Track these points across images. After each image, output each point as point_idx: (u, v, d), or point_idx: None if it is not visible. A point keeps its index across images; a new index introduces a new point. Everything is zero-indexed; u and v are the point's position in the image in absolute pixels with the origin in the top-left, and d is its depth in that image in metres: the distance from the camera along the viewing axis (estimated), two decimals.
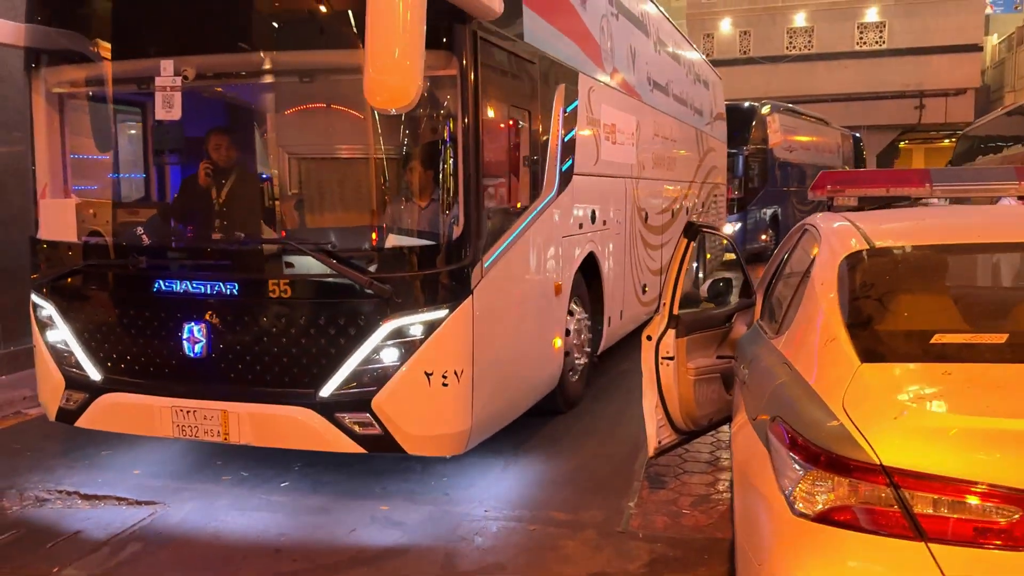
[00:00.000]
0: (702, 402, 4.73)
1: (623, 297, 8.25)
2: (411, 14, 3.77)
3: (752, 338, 4.05)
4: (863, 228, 3.59)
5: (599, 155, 7.26)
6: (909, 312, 3.19)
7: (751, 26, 45.86)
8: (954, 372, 2.66)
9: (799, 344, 3.17)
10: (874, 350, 2.81)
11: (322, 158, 5.74)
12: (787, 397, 2.83)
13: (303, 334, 4.78)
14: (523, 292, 5.66)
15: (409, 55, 3.76)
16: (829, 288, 3.18)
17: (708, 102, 13.14)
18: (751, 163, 18.73)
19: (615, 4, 7.82)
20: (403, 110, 3.86)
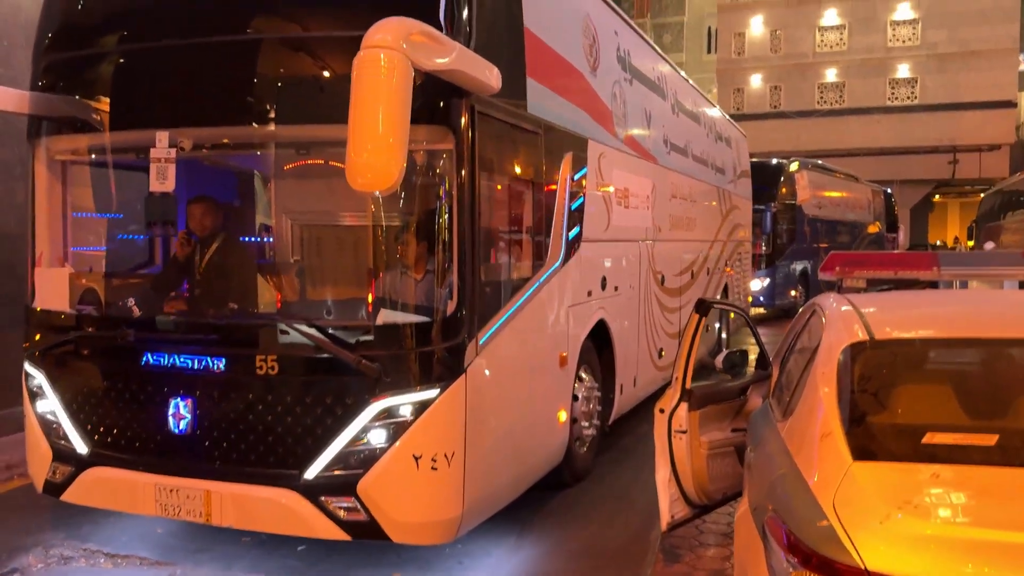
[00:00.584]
0: (716, 476, 4.62)
1: (637, 363, 7.95)
2: (394, 93, 3.60)
3: (762, 417, 3.97)
4: (866, 317, 3.55)
5: (610, 220, 7.03)
6: (904, 408, 3.16)
7: (781, 81, 45.80)
8: (943, 474, 2.66)
9: (799, 435, 3.14)
10: (867, 448, 2.81)
11: (312, 230, 5.58)
12: (784, 491, 2.83)
13: (289, 412, 4.56)
14: (523, 367, 5.40)
15: (392, 135, 3.58)
16: (828, 380, 3.16)
17: (731, 160, 12.90)
18: (779, 219, 18.49)
19: (629, 69, 7.65)
20: (386, 192, 3.67)
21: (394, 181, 3.60)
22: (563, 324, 6.04)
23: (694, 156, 10.34)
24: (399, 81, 3.61)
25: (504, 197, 5.20)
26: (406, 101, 3.65)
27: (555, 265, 5.82)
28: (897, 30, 43.85)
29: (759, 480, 3.32)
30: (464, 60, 4.19)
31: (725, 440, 4.68)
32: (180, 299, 5.18)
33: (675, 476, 4.49)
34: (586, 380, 6.68)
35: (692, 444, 4.47)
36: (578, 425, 6.49)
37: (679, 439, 4.45)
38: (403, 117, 3.62)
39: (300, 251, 5.78)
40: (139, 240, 5.69)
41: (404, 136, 3.62)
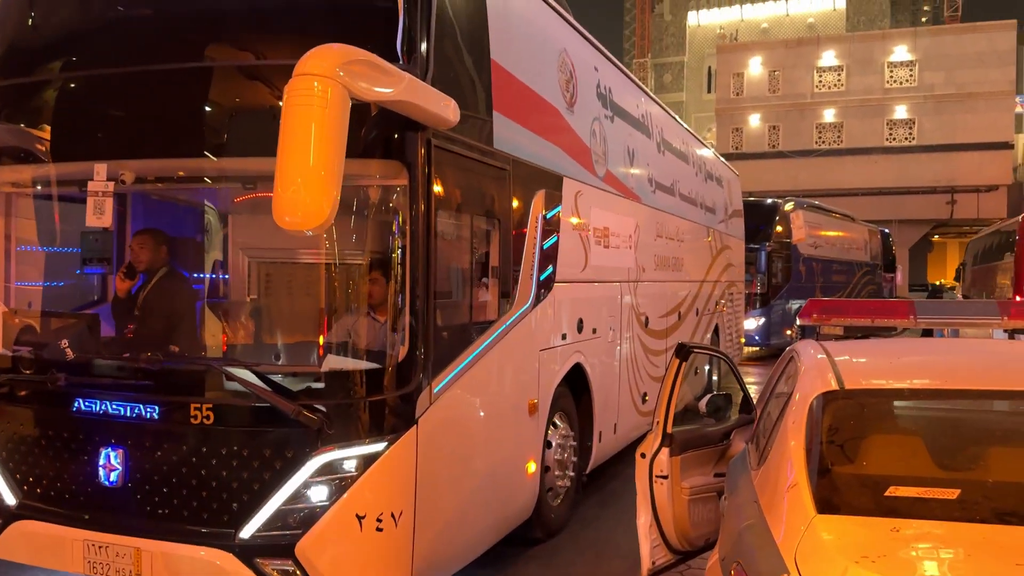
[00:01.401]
0: (698, 522, 4.51)
1: (617, 409, 7.57)
2: (328, 124, 3.28)
3: (740, 464, 3.92)
4: (838, 366, 3.51)
5: (588, 260, 6.69)
6: (871, 460, 3.13)
7: (780, 121, 45.79)
8: (902, 529, 2.62)
9: (768, 485, 3.12)
10: (831, 500, 2.79)
11: (269, 268, 5.22)
12: (749, 543, 2.82)
13: (224, 466, 4.19)
14: (486, 416, 5.03)
15: (323, 170, 3.26)
16: (798, 429, 3.14)
17: (722, 199, 12.60)
18: (774, 259, 18.24)
19: (610, 106, 7.36)
20: (317, 231, 3.33)
21: (324, 220, 3.27)
22: (533, 369, 5.67)
23: (682, 195, 10.03)
24: (333, 111, 3.29)
25: (466, 235, 4.86)
26: (341, 133, 3.33)
27: (524, 307, 5.47)
28: (894, 72, 43.97)
29: (729, 529, 3.29)
30: (414, 92, 3.87)
31: (707, 485, 4.57)
32: (115, 340, 4.83)
33: (656, 521, 4.39)
34: (561, 427, 6.30)
35: (673, 489, 4.38)
36: (551, 476, 6.10)
37: (660, 484, 4.36)
38: (337, 151, 3.30)
39: (256, 290, 5.43)
40: (84, 276, 5.35)
41: (337, 171, 3.30)
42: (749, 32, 58.30)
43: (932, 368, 3.77)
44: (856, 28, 54.46)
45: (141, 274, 4.93)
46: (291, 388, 4.15)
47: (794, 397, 3.40)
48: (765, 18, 59.56)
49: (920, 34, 45.22)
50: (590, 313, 6.80)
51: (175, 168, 4.54)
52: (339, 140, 3.31)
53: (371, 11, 4.34)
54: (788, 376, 3.95)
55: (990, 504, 2.80)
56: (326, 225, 3.29)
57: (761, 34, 57.45)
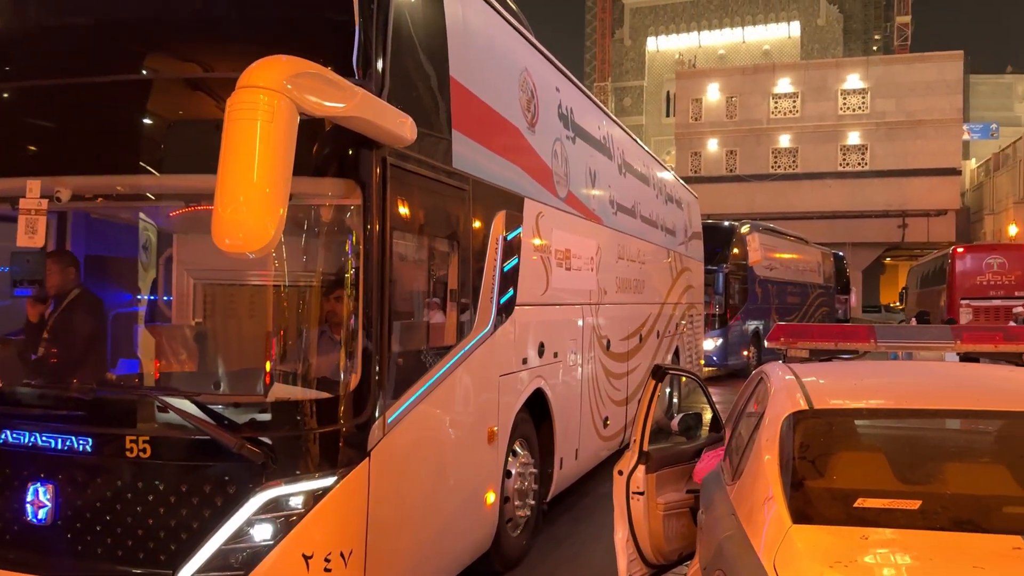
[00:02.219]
0: (671, 537, 4.64)
1: (579, 434, 7.36)
2: (272, 140, 3.04)
3: (714, 480, 4.04)
4: (806, 387, 3.67)
5: (549, 283, 6.50)
6: (840, 474, 3.28)
7: (737, 146, 46.33)
8: (871, 537, 2.81)
9: (745, 499, 3.24)
10: (805, 512, 2.94)
11: (216, 290, 4.92)
12: (729, 552, 2.98)
13: (162, 502, 3.88)
14: (443, 446, 4.79)
15: (267, 188, 3.01)
16: (771, 446, 3.28)
17: (682, 222, 12.52)
18: (732, 281, 18.29)
19: (572, 127, 7.20)
20: (259, 254, 3.08)
21: (267, 242, 3.02)
22: (493, 395, 5.44)
23: (643, 217, 9.90)
24: (279, 126, 3.06)
25: (423, 258, 4.64)
26: (287, 150, 3.09)
27: (483, 331, 5.25)
28: (847, 99, 44.78)
29: (709, 541, 3.41)
30: (368, 108, 3.65)
31: (680, 501, 4.70)
32: (45, 368, 4.51)
33: (633, 536, 4.53)
34: (521, 455, 6.07)
35: (649, 505, 4.53)
36: (510, 506, 5.86)
37: (637, 500, 4.51)
38: (283, 168, 3.07)
39: (203, 313, 5.13)
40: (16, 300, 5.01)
41: (283, 190, 3.06)
42: (707, 58, 59.13)
43: (893, 389, 3.95)
44: (810, 56, 55.47)
45: (52, 298, 4.61)
46: (234, 419, 3.88)
47: (766, 416, 3.53)
48: (722, 44, 60.47)
49: (872, 63, 46.17)
50: (552, 337, 6.60)
51: (115, 185, 4.26)
52: (285, 157, 3.08)
53: (325, 24, 4.12)
54: (758, 396, 4.06)
55: (948, 513, 3.00)
56: (269, 248, 3.05)
57: (718, 60, 58.27)
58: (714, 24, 60.74)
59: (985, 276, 20.89)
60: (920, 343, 4.91)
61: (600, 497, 7.44)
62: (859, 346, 4.82)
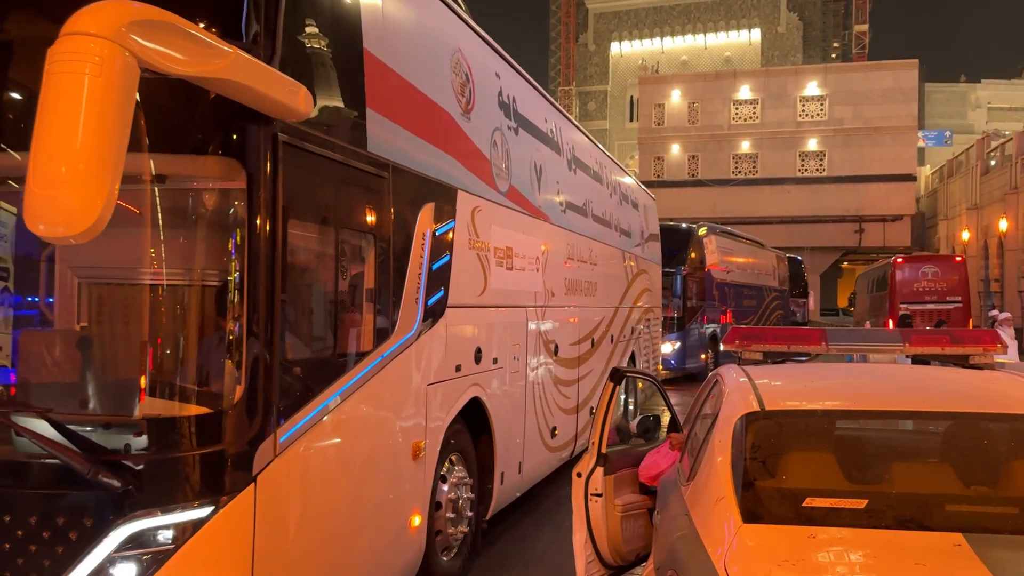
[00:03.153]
0: (629, 538, 4.65)
1: (523, 446, 6.78)
2: (102, 100, 2.43)
3: (670, 481, 4.03)
4: (759, 388, 3.68)
5: (488, 283, 5.92)
6: (789, 474, 3.29)
7: (699, 151, 46.25)
8: (818, 536, 2.83)
9: (698, 499, 3.25)
10: (755, 511, 2.96)
11: (102, 290, 4.24)
12: (682, 552, 3.00)
13: (7, 536, 3.24)
14: (354, 466, 4.17)
15: (92, 158, 2.39)
16: (724, 447, 3.30)
17: (638, 223, 12.01)
18: (689, 283, 17.86)
19: (514, 117, 6.63)
20: (82, 239, 2.46)
21: (91, 225, 2.41)
22: (419, 406, 4.85)
23: (595, 217, 9.36)
24: (111, 82, 2.44)
25: (329, 252, 4.03)
26: (122, 112, 2.48)
27: (407, 335, 4.65)
28: (806, 106, 44.88)
29: (663, 541, 3.44)
30: (244, 71, 3.04)
31: (638, 502, 4.70)
32: None
33: (591, 537, 4.53)
34: (456, 470, 5.48)
35: (607, 507, 4.54)
36: (442, 525, 5.28)
37: (595, 502, 4.51)
38: (113, 134, 2.45)
39: (87, 317, 4.45)
40: None
41: (114, 161, 2.45)
42: (669, 64, 59.05)
43: (843, 391, 3.95)
44: (771, 62, 55.63)
45: None
46: (96, 440, 3.24)
47: (720, 417, 3.54)
48: (685, 50, 60.45)
49: (830, 70, 46.32)
50: (490, 341, 6.02)
51: None
52: (119, 121, 2.46)
53: None
54: (713, 398, 4.09)
55: (893, 512, 3.03)
56: (93, 232, 2.43)
57: (681, 66, 58.23)
58: (677, 30, 60.68)
59: (921, 283, 23.43)
60: (871, 346, 4.89)
61: (561, 500, 7.35)
62: (811, 349, 4.86)
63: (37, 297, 4.13)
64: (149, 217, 3.40)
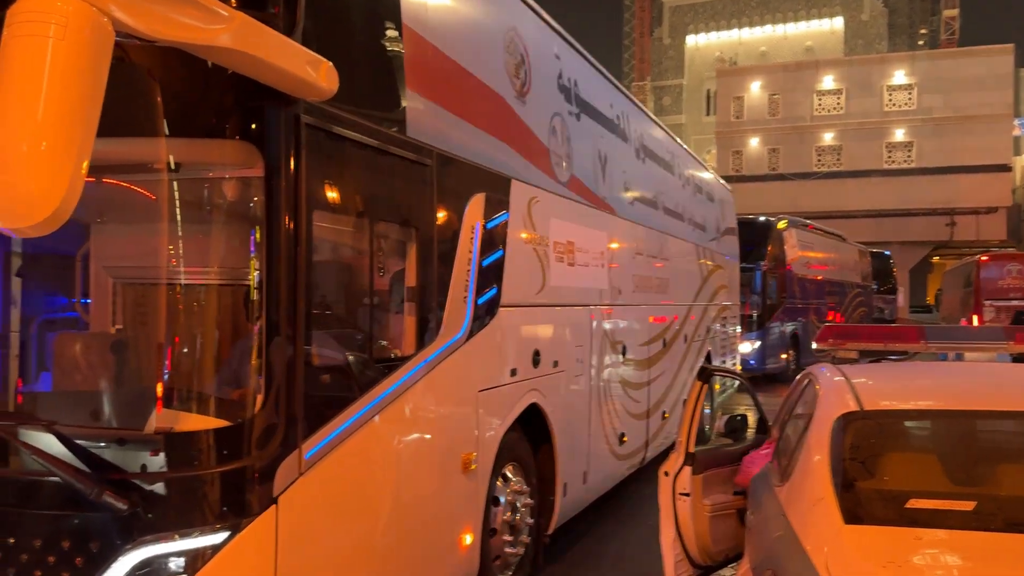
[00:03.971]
0: (718, 538, 4.58)
1: (587, 455, 6.31)
2: (66, 68, 2.08)
3: (762, 481, 3.98)
4: (856, 388, 3.63)
5: (547, 280, 5.47)
6: (891, 475, 3.24)
7: (780, 144, 44.99)
8: (924, 538, 2.76)
9: (795, 500, 3.21)
10: (856, 512, 2.91)
11: (137, 291, 3.93)
12: (780, 552, 3.00)
13: (11, 560, 2.96)
14: (391, 483, 3.78)
15: (53, 136, 2.05)
16: (821, 448, 3.26)
17: (714, 216, 11.37)
18: (768, 279, 16.94)
19: (576, 102, 6.16)
20: (41, 232, 2.11)
21: (51, 214, 2.06)
22: (469, 415, 4.45)
23: (666, 209, 8.80)
24: (78, 48, 2.09)
25: (363, 248, 3.65)
26: (91, 83, 2.13)
27: (454, 338, 4.25)
28: (893, 95, 43.23)
29: (758, 541, 3.44)
30: (251, 41, 2.66)
31: (727, 502, 4.66)
32: None
33: (679, 537, 4.49)
34: (513, 482, 5.06)
35: (695, 506, 4.50)
36: (499, 542, 4.87)
37: (683, 501, 4.47)
38: (81, 110, 2.10)
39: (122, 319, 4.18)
40: None
41: (78, 142, 2.09)
42: (748, 55, 57.51)
43: (944, 390, 3.89)
44: (854, 51, 53.71)
45: None
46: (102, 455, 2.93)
47: (816, 417, 3.49)
48: (763, 40, 58.76)
49: (918, 58, 44.45)
50: (550, 343, 5.57)
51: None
52: (86, 93, 2.11)
53: None
54: (806, 398, 4.02)
55: (1002, 515, 2.94)
56: (54, 222, 2.08)
57: (760, 57, 56.65)
58: (755, 21, 59.01)
59: (1006, 280, 23.64)
60: (971, 344, 4.77)
61: (645, 499, 7.33)
62: (909, 347, 4.75)
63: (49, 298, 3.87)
64: (157, 210, 3.08)
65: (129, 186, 3.43)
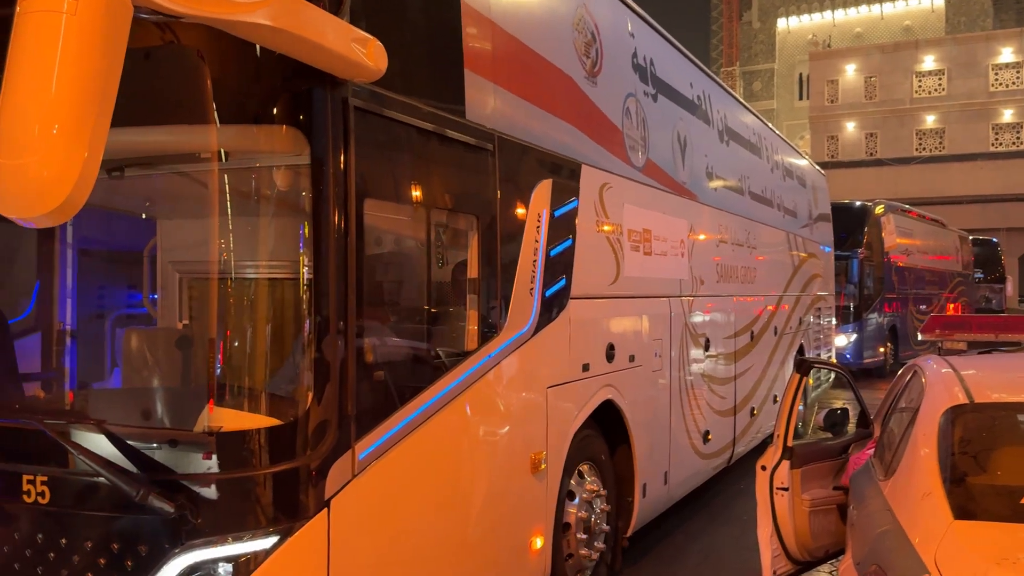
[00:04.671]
0: (818, 533, 4.49)
1: (668, 454, 6.01)
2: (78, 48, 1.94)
3: (865, 476, 3.91)
4: (966, 380, 3.54)
5: (621, 270, 5.20)
6: (1004, 469, 3.16)
7: (877, 128, 43.31)
8: None
9: (901, 494, 3.13)
10: (967, 507, 2.85)
11: (202, 286, 3.85)
12: (886, 548, 2.92)
13: (64, 562, 2.91)
14: (451, 483, 3.59)
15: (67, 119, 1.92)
16: (929, 441, 3.17)
17: (806, 201, 10.81)
18: (865, 268, 16.01)
19: (652, 82, 5.85)
20: (53, 221, 1.99)
21: (61, 203, 1.92)
22: (537, 412, 4.23)
23: (753, 194, 8.37)
24: (92, 24, 1.96)
25: (419, 237, 3.47)
26: (106, 61, 1.99)
27: (519, 332, 4.04)
28: (1000, 74, 41.11)
29: (862, 537, 3.41)
30: (291, 17, 2.50)
31: (827, 498, 4.56)
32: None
33: (777, 532, 4.41)
34: (588, 482, 4.83)
35: (794, 501, 4.42)
36: (573, 545, 4.64)
37: (781, 496, 4.40)
38: (96, 90, 1.97)
39: (189, 314, 4.13)
40: None
41: (92, 124, 1.96)
42: (842, 37, 55.38)
43: None
44: (956, 29, 51.06)
45: None
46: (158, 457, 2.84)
47: (922, 411, 3.42)
48: (858, 21, 56.46)
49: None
50: (625, 336, 5.30)
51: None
52: (101, 72, 1.97)
53: None
54: (911, 390, 3.94)
55: None
56: (68, 210, 1.95)
57: (855, 39, 54.48)
58: (849, 2, 56.72)
59: None
60: None
61: (736, 496, 7.34)
62: (1021, 338, 4.61)
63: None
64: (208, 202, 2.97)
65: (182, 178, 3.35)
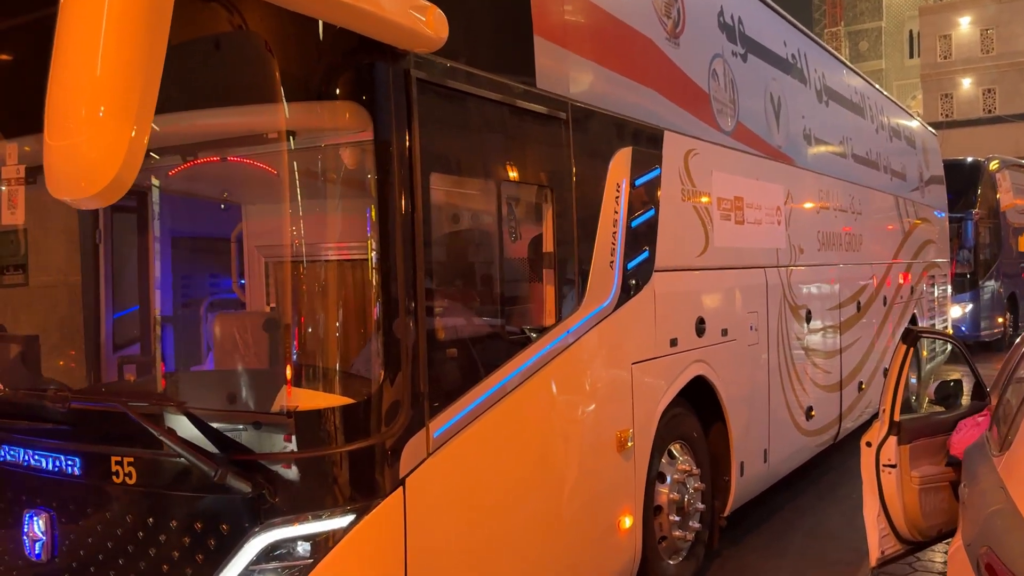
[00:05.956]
0: (929, 512, 4.32)
1: (767, 431, 5.78)
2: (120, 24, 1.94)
3: (978, 451, 3.71)
4: None
5: (710, 241, 5.00)
6: None
7: (996, 83, 40.85)
8: None
9: (1016, 470, 2.91)
10: None
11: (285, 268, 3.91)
12: (998, 527, 2.72)
13: (151, 541, 2.99)
14: (530, 462, 3.52)
15: (113, 98, 1.92)
16: None
17: (915, 163, 10.21)
18: (981, 230, 14.85)
19: (741, 40, 5.58)
20: (103, 201, 1.99)
21: (107, 184, 1.93)
22: (621, 389, 4.11)
23: (856, 157, 7.93)
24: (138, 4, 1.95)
25: (491, 211, 3.39)
26: (151, 38, 1.98)
27: (600, 306, 3.92)
28: None
29: (973, 516, 3.26)
30: None
31: (939, 475, 4.38)
32: (39, 370, 3.74)
33: (884, 511, 4.27)
34: (680, 461, 4.69)
35: (902, 478, 4.28)
36: (665, 525, 4.52)
37: (888, 473, 4.26)
38: (140, 67, 1.96)
39: (274, 299, 4.19)
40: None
41: (137, 102, 1.95)
42: None
43: None
44: None
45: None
46: (228, 435, 2.88)
47: None
48: None
49: None
50: (716, 309, 5.10)
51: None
52: (145, 49, 1.96)
53: None
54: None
55: None
56: (117, 190, 1.95)
57: None
58: None
59: None
60: None
61: (845, 472, 7.07)
62: None
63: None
64: (278, 185, 2.98)
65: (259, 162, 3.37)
